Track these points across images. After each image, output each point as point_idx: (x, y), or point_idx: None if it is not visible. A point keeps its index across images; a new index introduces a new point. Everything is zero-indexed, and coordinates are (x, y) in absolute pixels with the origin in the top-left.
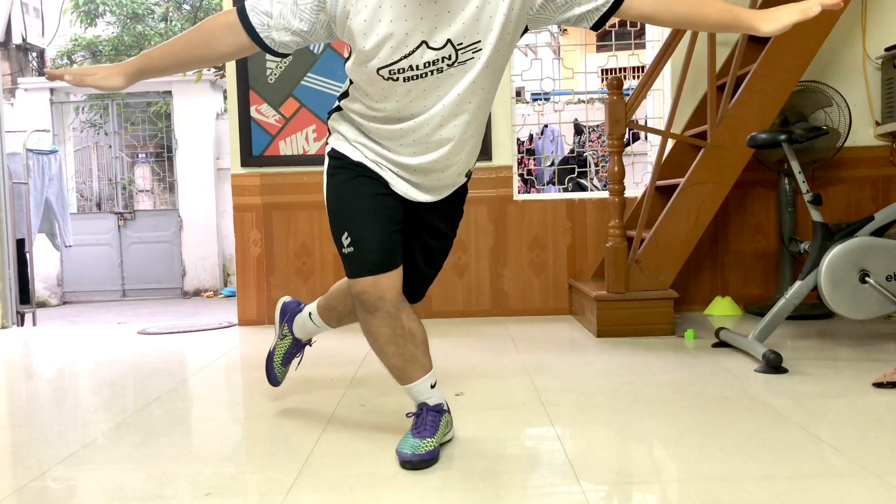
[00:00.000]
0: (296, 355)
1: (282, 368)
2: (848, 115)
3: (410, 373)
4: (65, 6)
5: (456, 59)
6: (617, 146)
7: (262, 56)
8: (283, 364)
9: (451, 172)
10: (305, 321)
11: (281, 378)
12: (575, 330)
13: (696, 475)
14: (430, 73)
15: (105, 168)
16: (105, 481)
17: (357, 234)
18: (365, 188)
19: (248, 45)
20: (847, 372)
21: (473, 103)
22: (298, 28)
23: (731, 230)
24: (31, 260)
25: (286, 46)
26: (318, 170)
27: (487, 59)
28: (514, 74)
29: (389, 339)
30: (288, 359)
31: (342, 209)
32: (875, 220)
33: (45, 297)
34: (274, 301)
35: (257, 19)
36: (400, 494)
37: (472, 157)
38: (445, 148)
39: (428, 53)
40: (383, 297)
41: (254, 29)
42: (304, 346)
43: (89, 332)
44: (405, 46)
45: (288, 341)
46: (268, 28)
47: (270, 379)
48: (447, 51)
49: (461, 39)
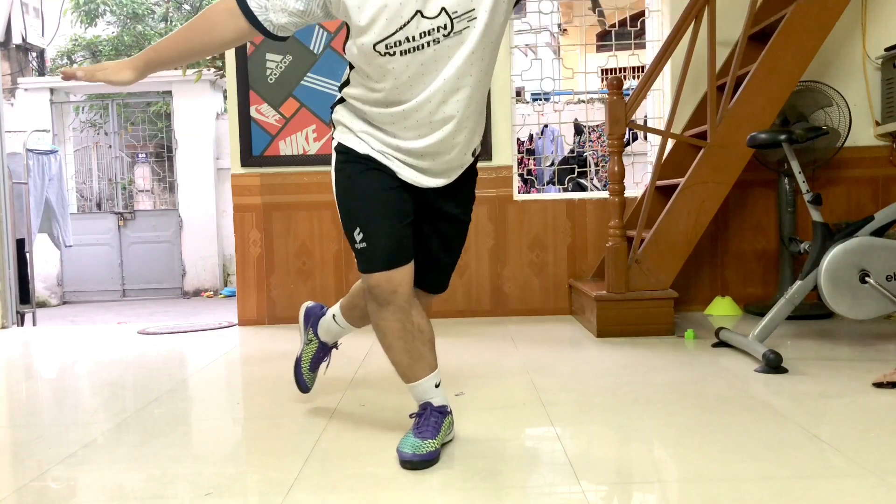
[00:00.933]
0: (323, 359)
1: (310, 374)
2: (848, 115)
3: (416, 370)
4: (65, 6)
5: (452, 29)
6: (617, 146)
7: (262, 56)
8: (311, 370)
9: (457, 153)
10: (330, 324)
11: (310, 384)
12: (575, 330)
13: (696, 475)
14: (427, 45)
15: (105, 168)
16: (105, 481)
17: (369, 230)
18: (375, 182)
19: (248, 30)
20: (847, 372)
21: (473, 76)
22: (295, 8)
23: (731, 230)
24: (31, 260)
25: (285, 29)
26: (318, 170)
27: (484, 28)
28: (514, 74)
29: (398, 334)
30: (316, 364)
31: (353, 204)
32: (875, 220)
33: (45, 297)
34: (274, 301)
35: (255, 3)
36: (400, 494)
37: (476, 134)
38: (448, 126)
39: (423, 23)
40: (396, 291)
41: (252, 13)
42: (330, 349)
43: (89, 332)
44: (400, 17)
45: (314, 346)
46: (265, 10)
47: (300, 385)
48: (442, 19)
49: (456, 8)
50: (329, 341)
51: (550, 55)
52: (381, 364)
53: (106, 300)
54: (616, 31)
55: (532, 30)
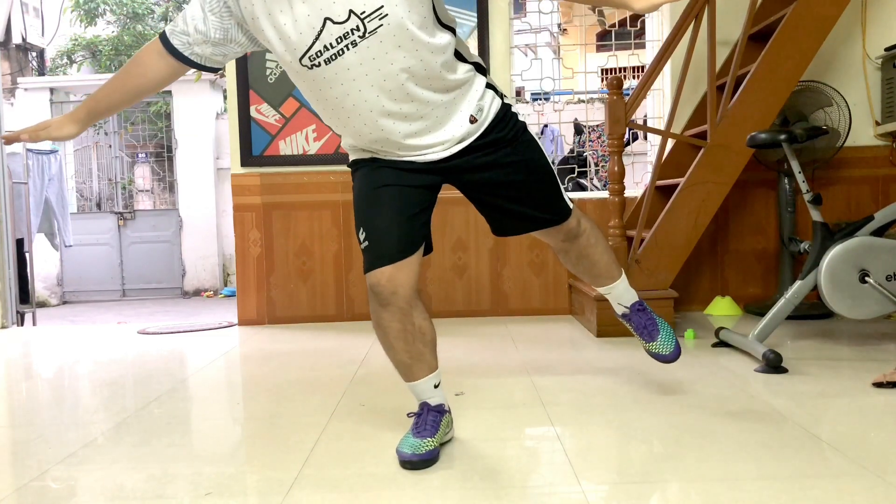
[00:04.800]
0: (643, 320)
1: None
2: (848, 115)
3: (416, 370)
4: (65, 5)
5: (365, 30)
6: (617, 146)
7: (262, 56)
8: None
9: (447, 128)
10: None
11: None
12: (575, 330)
13: (696, 475)
14: (346, 49)
15: (105, 168)
16: (105, 481)
17: (370, 228)
18: (376, 181)
19: (179, 67)
20: (847, 372)
21: (412, 66)
22: (215, 37)
23: (731, 230)
24: (31, 260)
25: (213, 60)
26: (318, 169)
27: (399, 22)
28: (513, 74)
29: (399, 334)
30: (645, 329)
31: (358, 206)
32: (875, 219)
33: (45, 296)
34: (274, 301)
35: (177, 40)
36: (400, 494)
37: (456, 107)
38: (401, 121)
39: (335, 28)
40: (396, 291)
41: (176, 50)
42: (635, 305)
43: (89, 332)
44: (311, 28)
45: (635, 320)
46: (189, 45)
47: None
48: (353, 22)
49: (363, 8)
50: (629, 302)
51: (550, 55)
52: (382, 364)
53: (106, 300)
54: (616, 30)
55: (532, 30)
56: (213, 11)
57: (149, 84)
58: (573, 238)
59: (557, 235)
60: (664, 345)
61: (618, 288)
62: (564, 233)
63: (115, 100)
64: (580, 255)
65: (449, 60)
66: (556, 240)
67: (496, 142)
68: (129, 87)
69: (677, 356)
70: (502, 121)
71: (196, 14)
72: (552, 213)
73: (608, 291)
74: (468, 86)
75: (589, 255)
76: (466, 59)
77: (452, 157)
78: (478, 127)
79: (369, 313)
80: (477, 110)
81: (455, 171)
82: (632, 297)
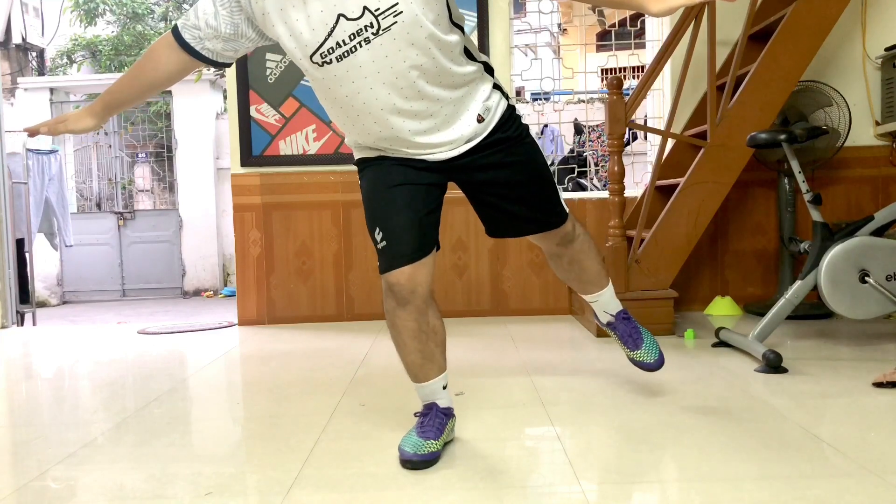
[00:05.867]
0: (625, 330)
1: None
2: (848, 115)
3: (426, 371)
4: (65, 5)
5: (379, 27)
6: (617, 146)
7: (262, 56)
8: (636, 347)
9: (456, 127)
10: (606, 300)
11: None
12: (575, 330)
13: (696, 475)
14: (359, 46)
15: (105, 168)
16: (105, 481)
17: (387, 228)
18: (389, 180)
19: (189, 61)
20: (847, 372)
21: (424, 64)
22: (225, 33)
23: (731, 230)
24: (31, 260)
25: (225, 55)
26: (318, 169)
27: (414, 19)
28: (514, 74)
29: (413, 333)
30: (628, 337)
31: (371, 205)
32: (875, 219)
33: (45, 296)
34: (274, 301)
35: (189, 34)
36: (400, 494)
37: (464, 105)
38: (412, 119)
39: (348, 25)
40: (415, 290)
41: (188, 44)
42: (618, 315)
43: (89, 332)
44: (324, 24)
45: (617, 330)
46: (201, 40)
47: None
48: (367, 19)
49: (377, 4)
50: (615, 311)
51: (550, 55)
52: (382, 364)
53: (106, 300)
54: (616, 30)
55: (532, 29)
56: (223, 6)
57: (161, 77)
58: (567, 243)
59: (553, 239)
60: (648, 353)
61: (605, 296)
62: (560, 237)
63: (130, 93)
64: (572, 260)
65: (459, 58)
66: (551, 244)
67: (501, 142)
68: (143, 81)
69: (661, 365)
70: (508, 121)
71: (207, 9)
72: (550, 216)
73: (595, 299)
74: (476, 84)
75: (580, 262)
76: (476, 57)
77: (460, 156)
78: (485, 126)
79: (369, 313)
80: (484, 110)
81: (461, 170)
82: (617, 305)
